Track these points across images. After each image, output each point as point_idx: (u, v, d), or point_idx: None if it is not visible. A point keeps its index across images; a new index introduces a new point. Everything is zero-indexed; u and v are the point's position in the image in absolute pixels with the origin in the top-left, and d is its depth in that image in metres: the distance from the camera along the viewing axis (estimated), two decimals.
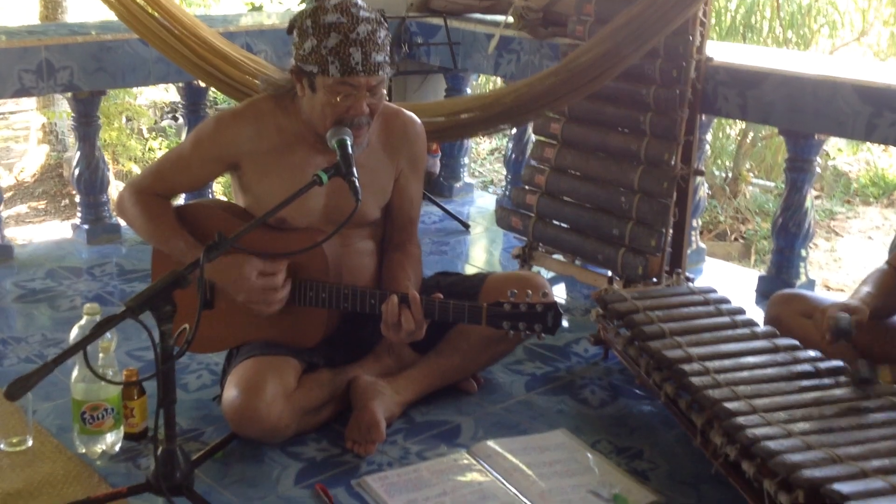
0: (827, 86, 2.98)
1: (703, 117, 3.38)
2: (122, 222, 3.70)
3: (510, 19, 3.82)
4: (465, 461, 2.30)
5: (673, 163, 3.09)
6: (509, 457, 2.30)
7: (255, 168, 2.42)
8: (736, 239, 6.67)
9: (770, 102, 3.13)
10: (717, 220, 6.86)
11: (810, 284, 3.37)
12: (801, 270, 3.35)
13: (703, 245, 3.76)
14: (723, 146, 7.16)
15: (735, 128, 7.06)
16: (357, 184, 2.12)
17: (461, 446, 2.37)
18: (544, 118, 3.43)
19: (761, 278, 3.42)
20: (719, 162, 7.17)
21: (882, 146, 7.54)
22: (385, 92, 2.33)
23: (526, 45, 3.81)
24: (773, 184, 6.90)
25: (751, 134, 6.96)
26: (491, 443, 2.36)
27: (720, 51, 3.31)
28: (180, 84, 3.98)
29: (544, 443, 2.39)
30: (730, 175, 7.11)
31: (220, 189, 6.37)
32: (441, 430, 2.46)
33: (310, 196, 2.31)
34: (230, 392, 2.28)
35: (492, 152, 8.10)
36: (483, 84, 7.64)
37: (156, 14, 3.32)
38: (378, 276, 2.57)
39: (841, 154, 7.77)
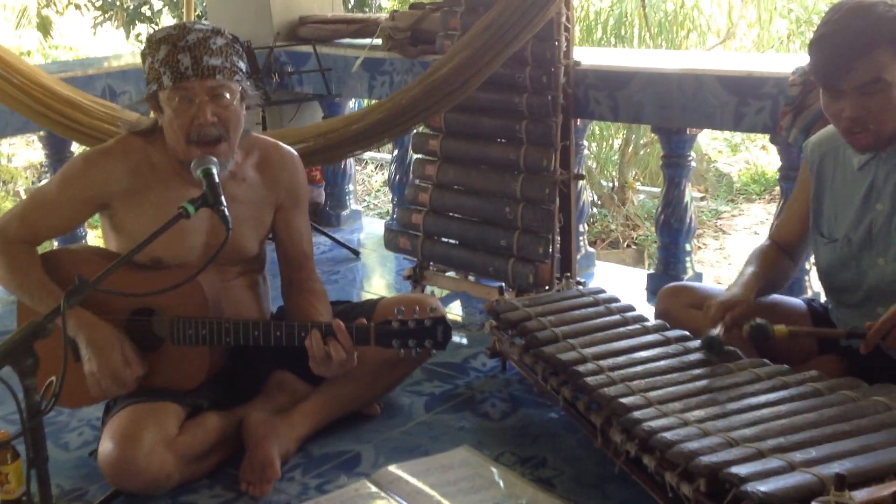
0: (692, 80, 3.04)
1: (578, 122, 3.40)
2: None
3: (379, 41, 3.80)
4: (367, 490, 2.21)
5: (552, 168, 3.09)
6: (412, 480, 2.23)
7: (127, 207, 2.32)
8: (628, 246, 6.77)
9: (639, 101, 3.17)
10: (609, 228, 6.96)
11: (698, 278, 3.41)
12: (688, 265, 3.39)
13: (591, 250, 3.77)
14: (607, 156, 7.30)
15: (619, 137, 7.21)
16: (227, 212, 2.04)
17: (362, 475, 2.29)
18: (421, 136, 3.41)
19: (650, 276, 3.45)
20: (605, 172, 7.31)
21: (760, 146, 7.84)
22: (237, 103, 2.26)
23: (398, 65, 3.79)
24: (658, 189, 7.05)
25: (633, 143, 7.11)
26: (393, 468, 2.28)
27: (587, 55, 3.34)
28: (41, 133, 3.81)
29: (447, 462, 2.33)
30: (616, 184, 7.24)
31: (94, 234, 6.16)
32: (340, 460, 2.37)
33: (187, 233, 2.23)
34: (105, 445, 2.15)
35: (384, 184, 8.06)
36: None
37: None
38: (260, 312, 2.49)
39: (721, 155, 8.01)
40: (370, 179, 8.33)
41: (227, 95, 2.23)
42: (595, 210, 7.11)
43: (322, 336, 2.21)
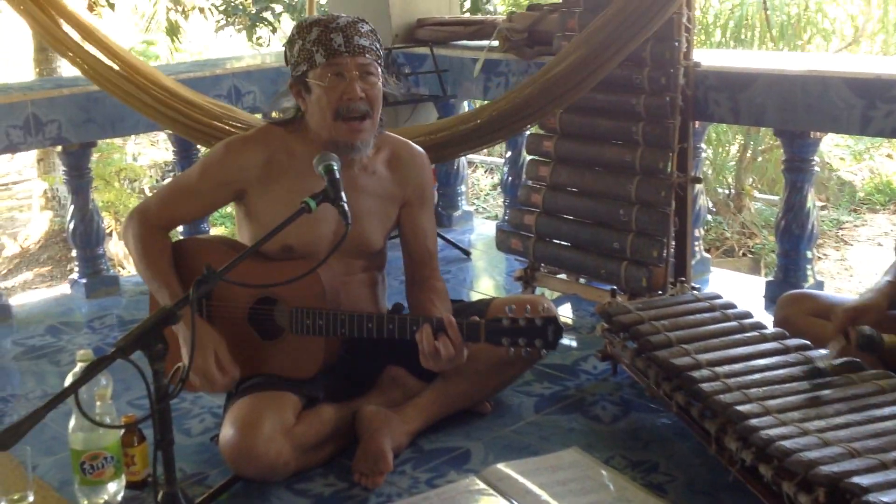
0: (817, 81, 2.95)
1: (697, 124, 3.35)
2: (122, 273, 3.69)
3: (496, 43, 3.82)
4: (476, 486, 2.22)
5: (669, 171, 3.05)
6: (521, 479, 2.23)
7: (263, 195, 2.41)
8: (744, 254, 6.61)
9: (761, 104, 3.10)
10: (724, 236, 6.80)
11: (818, 286, 3.31)
12: (809, 272, 3.29)
13: (707, 255, 3.70)
14: (724, 162, 7.14)
15: (735, 143, 7.04)
16: (346, 208, 2.09)
17: (471, 471, 2.30)
18: (536, 137, 3.41)
19: (769, 284, 3.35)
20: (721, 178, 7.14)
21: (885, 153, 7.53)
22: (381, 85, 2.36)
23: (514, 66, 3.80)
24: (776, 197, 6.85)
25: (751, 148, 6.94)
26: (502, 466, 2.29)
27: (707, 56, 3.28)
28: (169, 133, 3.97)
29: (557, 462, 2.32)
30: (733, 191, 7.07)
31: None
32: (450, 456, 2.40)
33: (318, 222, 2.30)
34: (227, 431, 2.23)
35: (494, 187, 8.09)
36: None
37: (115, 66, 3.32)
38: (376, 309, 2.54)
39: (844, 163, 7.73)
40: (479, 182, 8.37)
41: (374, 75, 2.34)
42: (710, 217, 6.96)
43: (433, 331, 2.24)
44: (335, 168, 2.18)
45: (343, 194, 2.11)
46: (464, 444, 2.45)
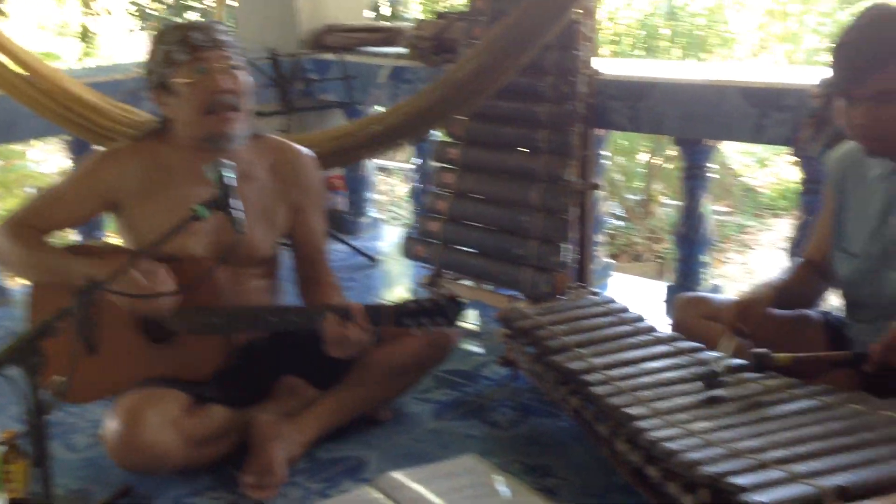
0: (714, 91, 3.02)
1: (598, 132, 3.40)
2: (11, 285, 3.60)
3: (404, 50, 3.82)
4: (370, 496, 2.20)
5: (571, 178, 3.09)
6: (416, 486, 2.22)
7: (140, 206, 2.37)
8: (652, 259, 6.74)
9: (660, 112, 3.16)
10: (633, 241, 6.94)
11: (715, 290, 3.38)
12: (705, 277, 3.36)
13: (608, 260, 3.75)
14: (634, 169, 7.28)
15: (646, 150, 7.19)
16: (236, 215, 2.06)
17: (367, 481, 2.27)
18: (441, 144, 3.42)
19: (669, 288, 3.42)
20: (632, 186, 7.28)
21: (789, 161, 7.76)
22: (247, 81, 2.36)
23: (421, 73, 3.80)
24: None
25: (659, 156, 7.09)
26: (396, 474, 2.27)
27: (609, 66, 3.34)
28: (66, 138, 3.86)
29: (453, 469, 2.31)
30: (643, 198, 7.22)
31: None
32: (346, 465, 2.38)
33: (195, 229, 2.25)
34: (110, 424, 2.17)
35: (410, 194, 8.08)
36: None
37: (17, 69, 3.24)
38: None
39: (749, 169, 7.95)
40: (395, 189, 8.36)
41: (239, 67, 2.34)
42: (621, 223, 7.09)
43: (339, 317, 2.22)
44: (226, 174, 2.15)
45: (235, 201, 2.08)
46: (360, 452, 2.43)
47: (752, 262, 6.63)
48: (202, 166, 2.16)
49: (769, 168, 7.94)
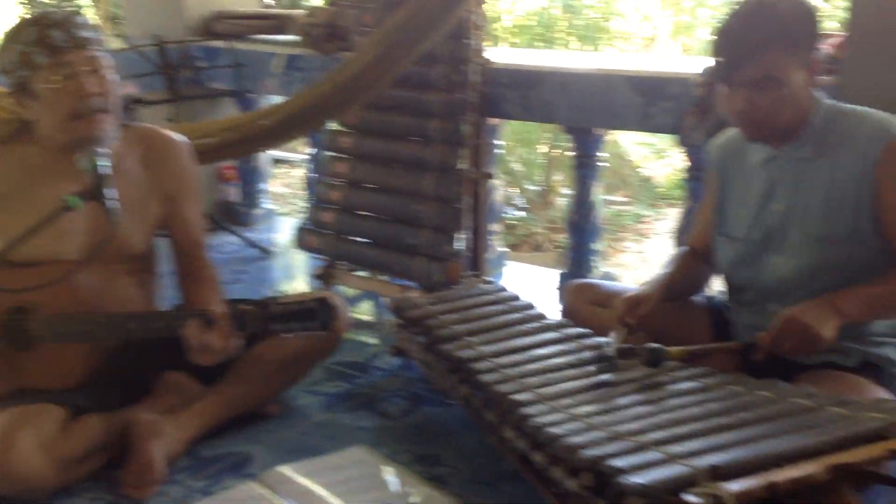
0: (602, 80, 3.05)
1: (491, 121, 3.40)
2: None
3: (296, 37, 3.75)
4: (255, 492, 2.15)
5: (463, 167, 3.07)
6: (302, 480, 2.18)
7: (2, 210, 2.21)
8: (551, 249, 6.80)
9: (551, 101, 3.17)
10: (533, 231, 6.99)
11: (606, 277, 3.42)
12: (596, 264, 3.40)
13: (503, 249, 3.76)
14: (534, 159, 7.33)
15: (546, 142, 7.24)
16: (111, 206, 1.97)
17: (252, 477, 2.23)
18: (333, 134, 3.36)
19: (561, 275, 3.44)
20: (533, 176, 7.33)
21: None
22: (115, 80, 2.21)
23: (313, 61, 3.74)
24: None
25: (560, 146, 7.15)
26: (283, 469, 2.23)
27: (500, 55, 3.33)
28: None
29: (340, 461, 2.28)
30: (543, 188, 7.27)
31: None
32: (230, 462, 2.31)
33: (66, 230, 2.14)
34: None
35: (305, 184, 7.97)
36: None
37: None
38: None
39: (646, 160, 8.10)
40: (296, 180, 8.24)
41: (105, 66, 2.19)
42: (522, 213, 7.13)
43: (201, 324, 2.13)
44: (100, 163, 2.06)
45: (110, 191, 2.00)
46: (245, 448, 2.37)
47: (648, 251, 6.75)
48: (74, 160, 2.06)
49: (665, 158, 8.11)
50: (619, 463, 1.67)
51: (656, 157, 8.09)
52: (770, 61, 2.05)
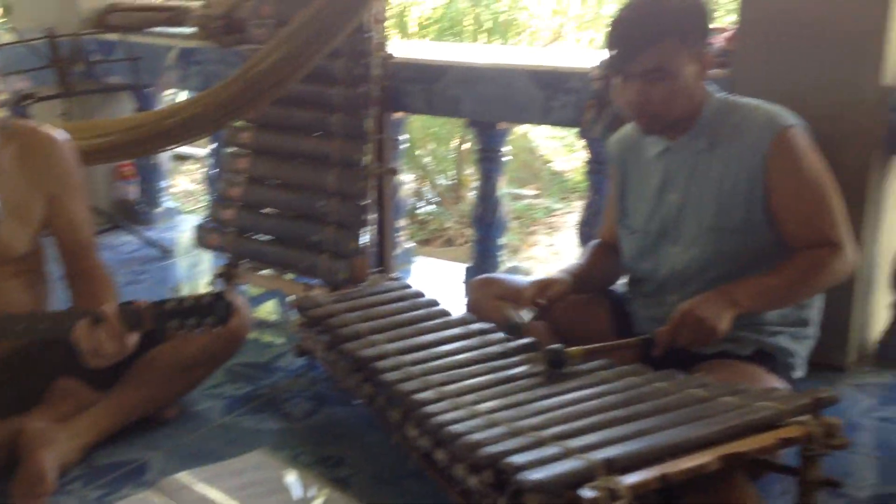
0: (504, 74, 3.05)
1: (396, 115, 3.37)
2: None
3: (192, 29, 3.65)
4: (151, 500, 2.09)
5: (366, 163, 3.04)
6: (200, 487, 2.12)
7: None
8: (464, 243, 6.81)
9: (454, 95, 3.16)
10: (445, 226, 6.99)
11: (512, 271, 3.43)
12: (501, 258, 3.40)
13: (411, 245, 3.74)
14: (446, 154, 7.33)
15: (457, 137, 7.25)
16: None
17: (149, 484, 2.16)
18: (232, 128, 3.29)
19: (467, 270, 3.44)
20: (444, 171, 7.33)
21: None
22: None
23: (211, 54, 3.65)
24: None
25: (470, 141, 7.16)
26: (181, 475, 2.17)
27: (403, 49, 3.31)
28: None
29: (241, 466, 2.23)
30: (454, 182, 7.27)
31: None
32: (126, 469, 2.23)
33: None
34: None
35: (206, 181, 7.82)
36: None
37: None
38: None
39: (557, 154, 8.18)
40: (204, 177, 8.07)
41: None
42: (433, 207, 7.13)
43: (91, 324, 2.04)
44: None
45: None
46: (142, 455, 2.29)
47: (559, 244, 6.81)
48: None
49: (576, 152, 8.20)
50: (517, 459, 1.66)
51: (567, 150, 8.18)
52: (661, 53, 2.08)
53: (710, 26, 2.16)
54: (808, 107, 2.35)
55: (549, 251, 6.64)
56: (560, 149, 8.13)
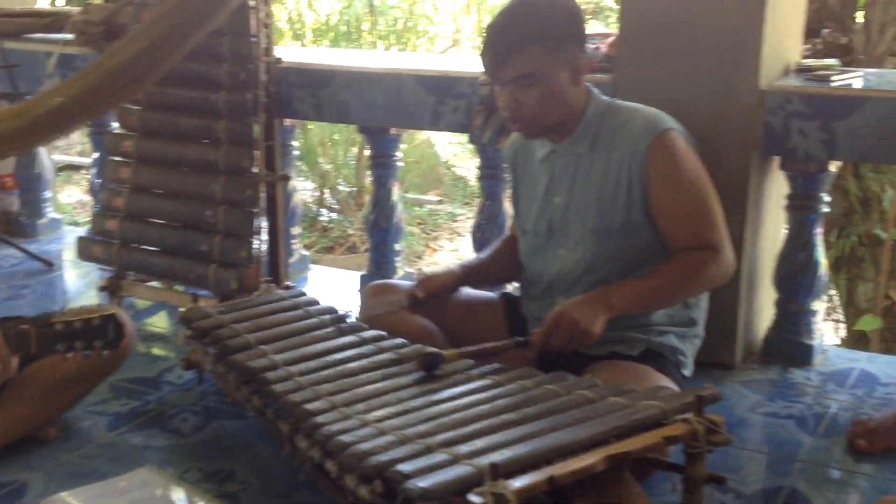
0: (392, 79, 3.03)
1: (287, 122, 3.32)
2: None
3: (71, 36, 3.52)
4: None
5: (255, 170, 2.98)
6: None
7: None
8: (366, 250, 6.77)
9: (344, 101, 3.13)
10: (348, 233, 6.94)
11: (409, 277, 3.41)
12: (398, 265, 3.38)
13: (305, 253, 3.69)
14: (347, 162, 7.28)
15: (356, 144, 7.21)
16: None
17: None
18: (115, 136, 3.19)
19: (363, 277, 3.41)
20: (345, 177, 7.27)
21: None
22: None
23: (91, 60, 3.52)
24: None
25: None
26: (63, 495, 2.08)
27: (291, 54, 3.26)
28: None
29: (125, 484, 2.15)
30: (355, 189, 7.23)
31: None
32: (4, 492, 2.13)
33: None
34: None
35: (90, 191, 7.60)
36: None
37: None
38: None
39: (459, 159, 8.21)
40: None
41: None
42: (334, 215, 7.08)
43: None
44: None
45: None
46: (21, 476, 2.19)
47: (462, 249, 6.84)
48: None
49: (478, 158, 8.24)
50: (405, 468, 1.64)
51: (469, 155, 8.23)
52: (530, 59, 2.10)
53: (583, 32, 2.19)
54: (689, 110, 2.40)
55: (454, 256, 6.66)
56: (462, 154, 8.18)
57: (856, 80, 2.57)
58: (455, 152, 8.22)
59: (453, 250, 6.89)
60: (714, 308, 2.41)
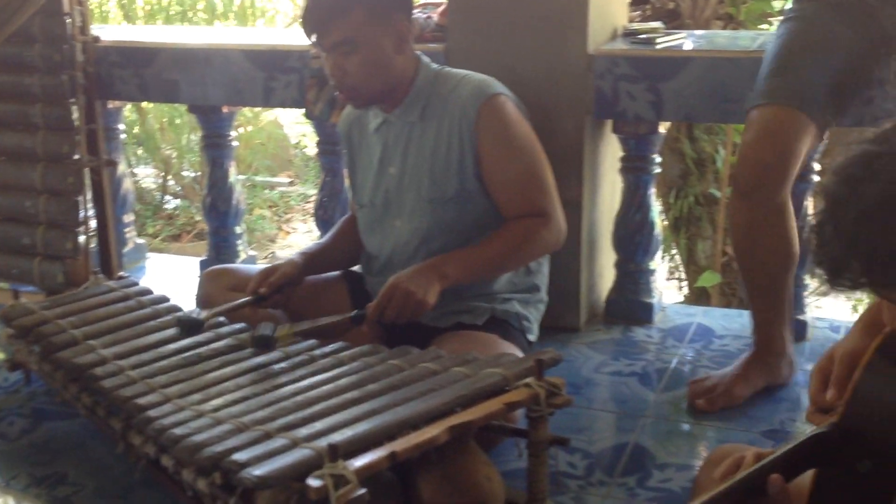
0: (219, 55, 2.91)
1: (112, 104, 3.15)
2: None
3: None
4: None
5: (76, 156, 2.80)
6: None
7: None
8: None
9: (171, 80, 2.99)
10: (195, 220, 6.72)
11: (251, 260, 3.31)
12: (240, 248, 3.27)
13: (141, 241, 3.53)
14: (189, 147, 7.02)
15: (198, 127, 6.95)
16: None
17: None
18: None
19: (202, 263, 3.28)
20: (188, 163, 7.02)
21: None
22: None
23: None
24: (244, 175, 6.91)
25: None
26: None
27: (111, 32, 3.09)
28: None
29: None
30: (199, 174, 7.00)
31: None
32: None
33: None
34: None
35: None
36: None
37: None
38: None
39: (307, 138, 8.06)
40: None
41: None
42: (179, 201, 6.84)
43: None
44: None
45: None
46: None
47: (315, 230, 6.74)
48: None
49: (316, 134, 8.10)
50: (241, 456, 1.58)
51: (314, 139, 8.07)
52: (349, 26, 2.07)
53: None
54: (521, 77, 2.41)
55: (308, 237, 6.55)
56: (312, 133, 8.00)
57: (680, 41, 2.63)
58: (304, 132, 8.06)
59: (307, 232, 6.77)
60: (557, 272, 2.43)
